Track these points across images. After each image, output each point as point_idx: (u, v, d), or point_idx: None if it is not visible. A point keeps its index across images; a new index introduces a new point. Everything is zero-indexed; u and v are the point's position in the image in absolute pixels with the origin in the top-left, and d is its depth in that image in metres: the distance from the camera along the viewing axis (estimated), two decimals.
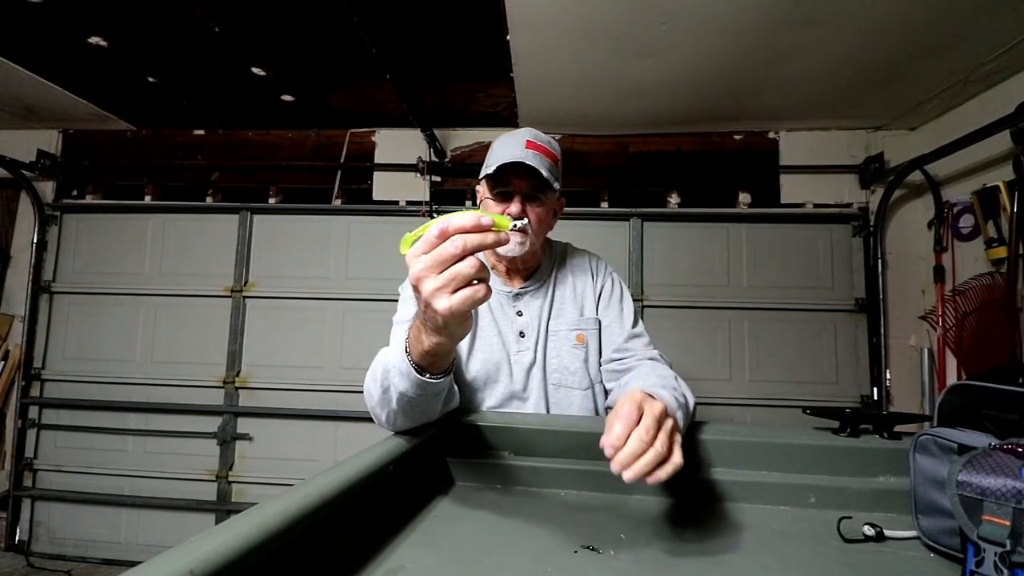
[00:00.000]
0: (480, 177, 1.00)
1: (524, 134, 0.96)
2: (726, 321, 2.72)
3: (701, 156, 2.83)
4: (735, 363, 2.69)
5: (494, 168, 0.93)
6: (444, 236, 0.48)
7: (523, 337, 1.01)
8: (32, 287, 2.92)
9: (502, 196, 0.97)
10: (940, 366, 2.38)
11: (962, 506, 0.50)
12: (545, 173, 0.92)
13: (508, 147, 0.94)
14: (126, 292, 2.92)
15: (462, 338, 0.60)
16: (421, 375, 0.64)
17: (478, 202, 1.06)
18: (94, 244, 2.99)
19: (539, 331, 1.01)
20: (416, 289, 0.51)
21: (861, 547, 0.60)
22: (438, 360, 0.63)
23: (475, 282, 0.49)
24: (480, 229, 0.48)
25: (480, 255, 0.57)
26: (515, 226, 0.52)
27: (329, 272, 2.88)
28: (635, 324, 1.04)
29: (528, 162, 0.91)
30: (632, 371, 0.95)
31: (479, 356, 0.98)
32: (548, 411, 0.99)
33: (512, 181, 0.95)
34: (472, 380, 0.97)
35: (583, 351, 1.01)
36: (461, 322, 0.54)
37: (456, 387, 0.85)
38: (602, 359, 1.02)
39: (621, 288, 1.09)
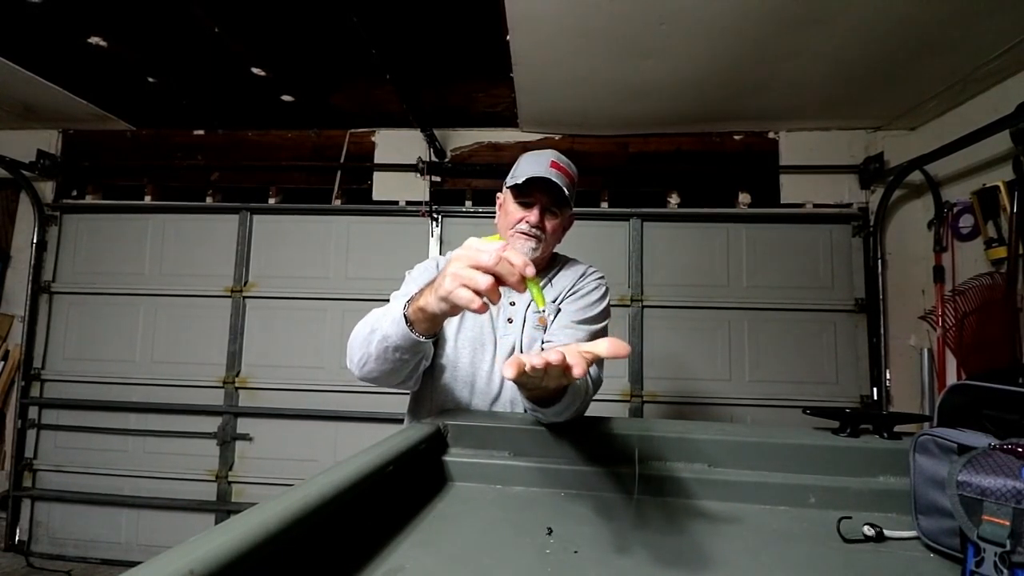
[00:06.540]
0: (507, 185, 1.13)
1: (549, 155, 1.09)
2: (726, 321, 2.72)
3: (701, 156, 2.83)
4: (735, 363, 2.69)
5: (522, 180, 1.06)
6: (496, 252, 0.59)
7: (511, 323, 1.10)
8: (32, 287, 2.92)
9: (525, 205, 1.10)
10: (940, 366, 2.38)
11: (962, 506, 0.50)
12: (565, 191, 1.06)
13: (535, 164, 1.07)
14: (126, 292, 2.91)
15: (446, 316, 0.73)
16: (407, 324, 0.77)
17: (497, 206, 1.18)
18: (94, 244, 2.99)
19: (524, 318, 1.09)
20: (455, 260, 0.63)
21: (861, 547, 0.60)
22: (423, 320, 0.76)
23: (480, 295, 0.60)
24: (516, 267, 0.58)
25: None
26: (542, 311, 0.65)
27: (329, 272, 2.88)
28: (585, 322, 1.05)
29: (553, 179, 1.04)
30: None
31: (467, 334, 1.07)
32: None
33: (535, 193, 1.08)
34: (459, 354, 1.06)
35: (542, 332, 1.08)
36: (448, 305, 0.67)
37: (422, 376, 1.01)
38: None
39: (600, 293, 1.12)
